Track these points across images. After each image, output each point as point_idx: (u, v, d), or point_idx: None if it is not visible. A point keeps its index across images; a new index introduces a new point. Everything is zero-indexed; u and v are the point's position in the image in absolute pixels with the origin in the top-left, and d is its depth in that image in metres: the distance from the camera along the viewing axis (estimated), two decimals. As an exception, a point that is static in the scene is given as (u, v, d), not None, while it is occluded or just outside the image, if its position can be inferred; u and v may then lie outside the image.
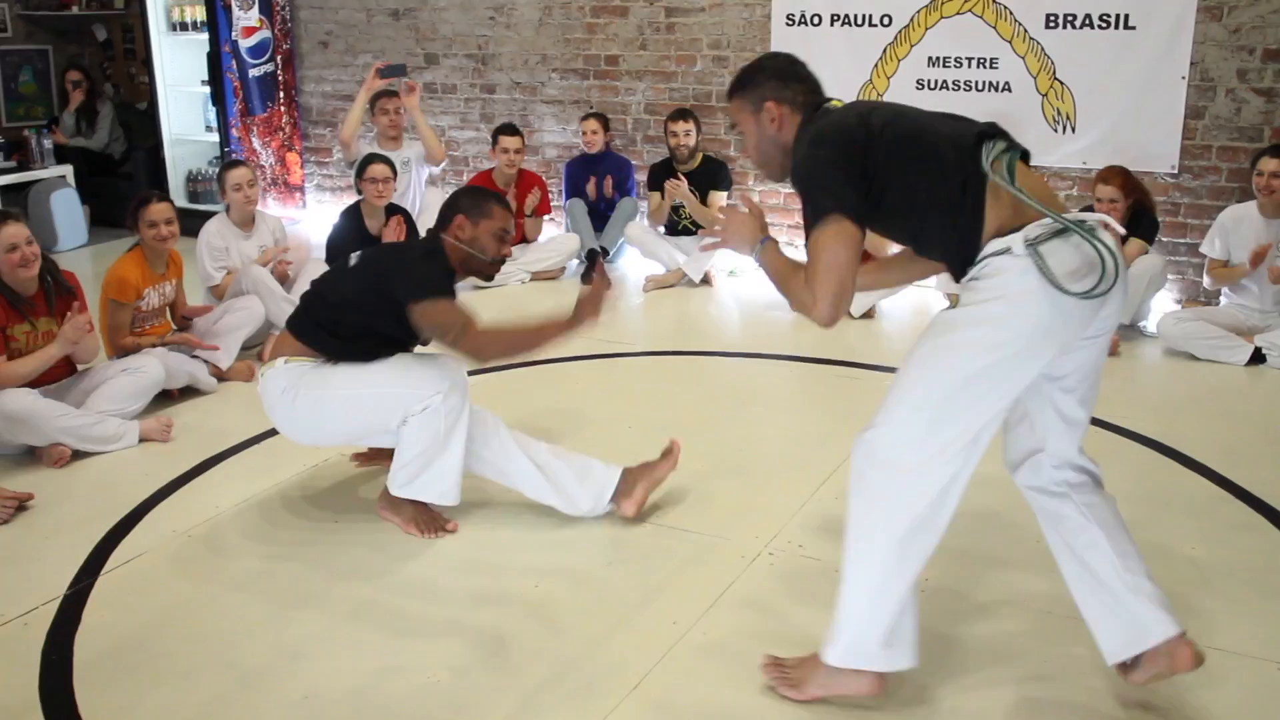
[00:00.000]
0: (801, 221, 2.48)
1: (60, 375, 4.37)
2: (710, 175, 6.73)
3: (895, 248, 2.85)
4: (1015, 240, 2.31)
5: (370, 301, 3.39)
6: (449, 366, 3.43)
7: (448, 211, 3.53)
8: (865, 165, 2.43)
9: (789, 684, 2.65)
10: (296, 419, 3.48)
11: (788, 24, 6.66)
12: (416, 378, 3.38)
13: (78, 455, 4.15)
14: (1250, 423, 4.47)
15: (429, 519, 3.53)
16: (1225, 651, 2.82)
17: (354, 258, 3.60)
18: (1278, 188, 5.10)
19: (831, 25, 6.54)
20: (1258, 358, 5.10)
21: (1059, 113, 6.08)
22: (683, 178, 6.65)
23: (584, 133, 6.98)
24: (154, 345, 4.72)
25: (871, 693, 2.56)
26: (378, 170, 5.74)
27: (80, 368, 4.48)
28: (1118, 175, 5.38)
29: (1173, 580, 3.17)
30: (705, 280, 6.68)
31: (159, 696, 2.72)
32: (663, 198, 6.75)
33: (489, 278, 3.64)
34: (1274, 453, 4.13)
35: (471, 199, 3.54)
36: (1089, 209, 5.72)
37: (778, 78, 2.70)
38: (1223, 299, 5.56)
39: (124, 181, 8.59)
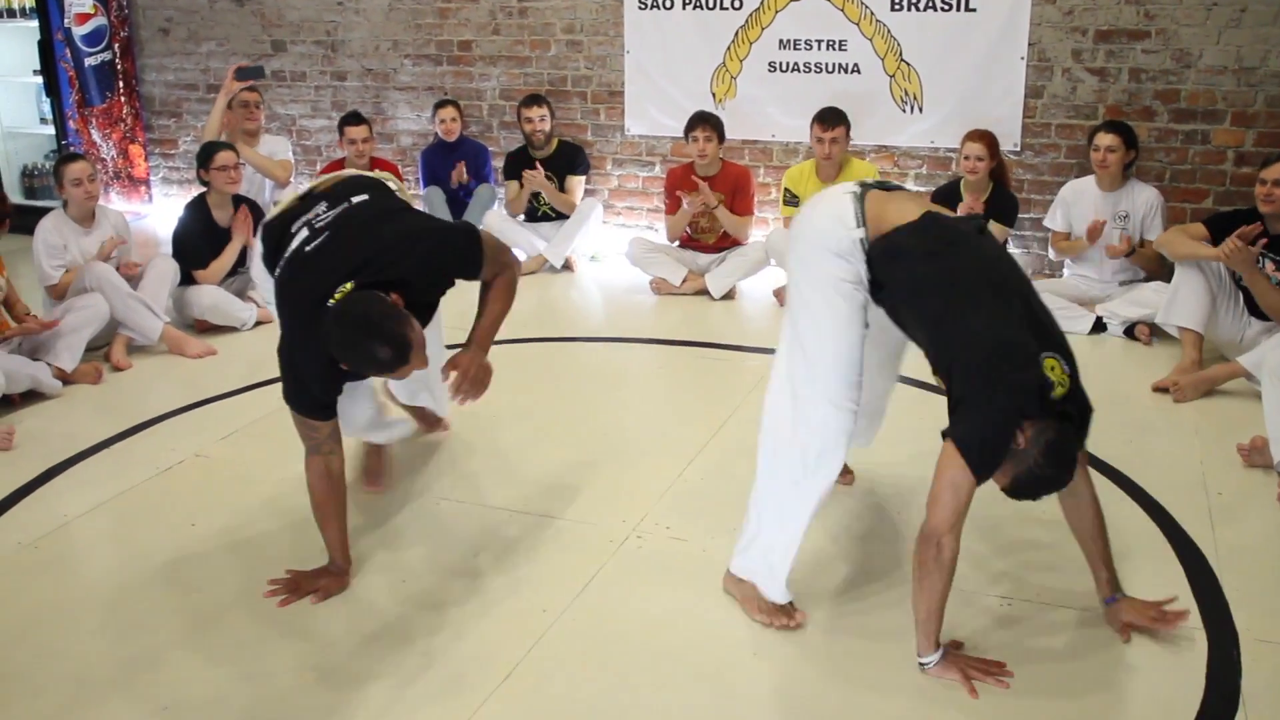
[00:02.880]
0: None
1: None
2: (567, 160, 6.71)
3: None
4: None
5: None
6: None
7: None
8: None
9: None
10: None
11: (640, 8, 6.67)
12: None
13: (-90, 468, 3.94)
14: (1093, 389, 4.58)
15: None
16: (1069, 608, 2.95)
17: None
18: (1111, 162, 5.31)
19: (683, 9, 6.57)
20: (1099, 327, 5.31)
21: (906, 93, 6.23)
22: (539, 165, 6.62)
23: (442, 120, 6.88)
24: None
25: None
26: (226, 157, 5.53)
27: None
28: (985, 136, 5.59)
29: (1025, 544, 3.30)
30: (567, 266, 6.66)
31: (8, 716, 2.60)
32: (520, 187, 6.70)
33: None
34: (1115, 417, 4.30)
35: None
36: (952, 184, 5.89)
37: None
38: (1065, 271, 5.78)
39: (-47, 178, 8.17)
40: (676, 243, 6.34)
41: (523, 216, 6.84)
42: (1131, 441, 4.06)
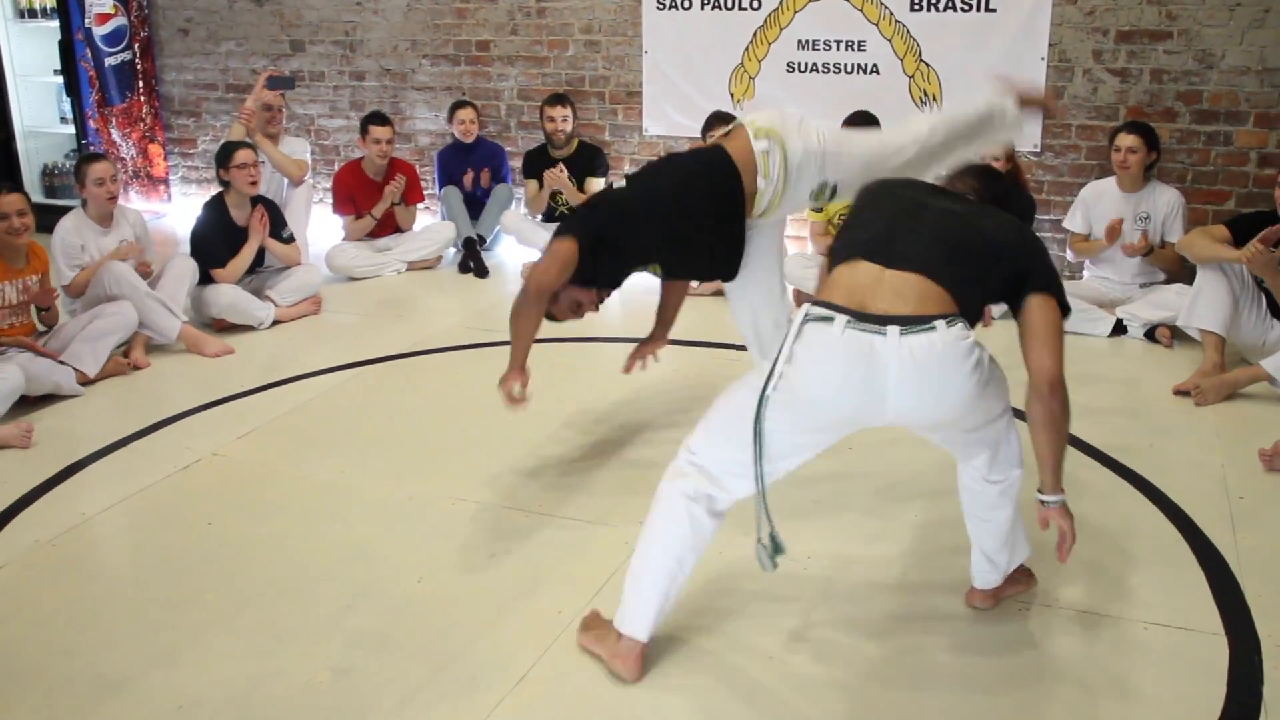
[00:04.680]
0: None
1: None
2: (587, 161, 6.70)
3: None
4: None
5: None
6: None
7: None
8: None
9: None
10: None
11: (659, 8, 6.66)
12: None
13: (-71, 465, 3.96)
14: (1113, 392, 4.62)
15: None
16: (1091, 613, 2.92)
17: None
18: (1133, 162, 5.27)
19: (702, 9, 6.56)
20: (1119, 329, 5.28)
21: (925, 94, 6.20)
22: (561, 165, 6.61)
23: (461, 122, 6.89)
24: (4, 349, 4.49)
25: None
26: (245, 155, 5.54)
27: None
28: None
29: (1041, 544, 3.27)
30: (584, 266, 6.64)
31: (22, 713, 2.60)
32: (540, 186, 6.69)
33: None
34: (1136, 420, 4.28)
35: None
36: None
37: None
38: (1085, 273, 5.74)
39: (-26, 176, 8.23)
40: (694, 243, 6.32)
41: (540, 216, 6.83)
42: (1153, 445, 4.03)
